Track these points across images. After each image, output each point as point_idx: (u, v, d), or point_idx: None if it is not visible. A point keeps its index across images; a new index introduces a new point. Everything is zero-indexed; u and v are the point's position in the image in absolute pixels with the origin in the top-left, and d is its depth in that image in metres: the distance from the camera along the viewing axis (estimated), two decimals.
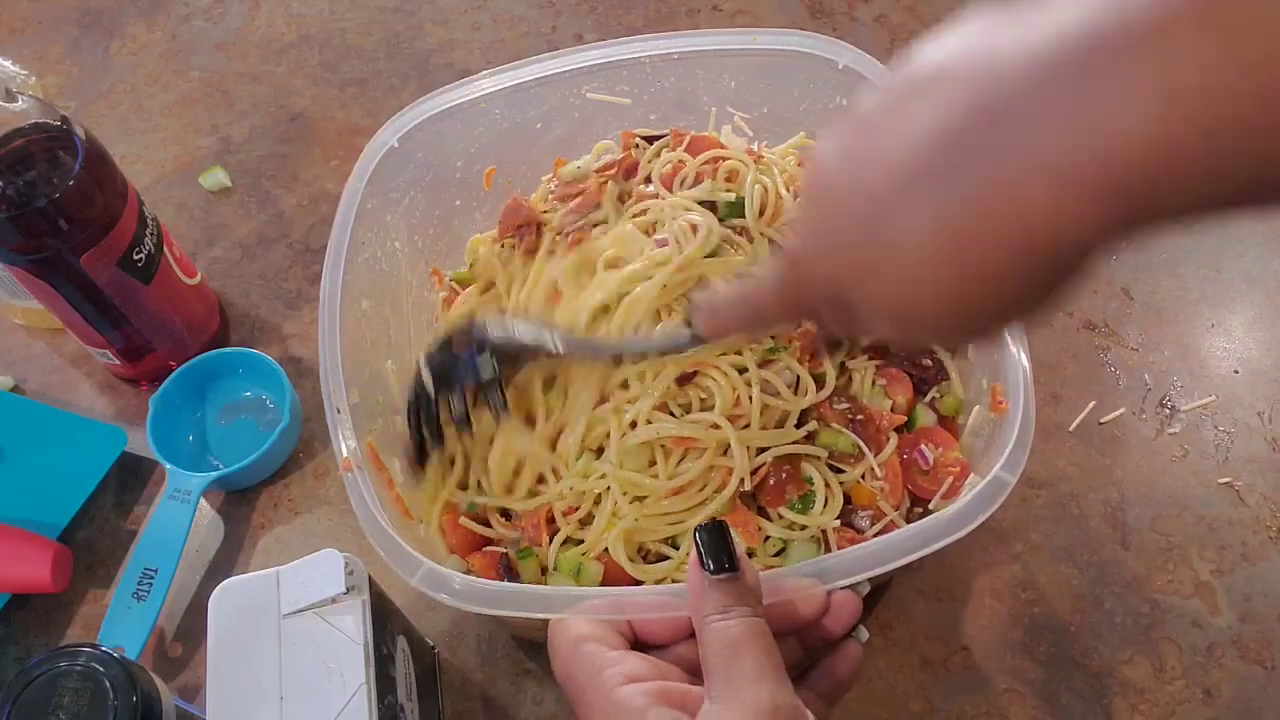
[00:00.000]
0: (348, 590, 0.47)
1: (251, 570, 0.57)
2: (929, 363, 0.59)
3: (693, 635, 0.42)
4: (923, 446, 0.57)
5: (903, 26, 0.87)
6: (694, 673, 0.42)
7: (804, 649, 0.46)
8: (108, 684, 0.46)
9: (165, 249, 0.66)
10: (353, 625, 0.47)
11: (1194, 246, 0.75)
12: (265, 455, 0.66)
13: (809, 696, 0.43)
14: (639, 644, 0.44)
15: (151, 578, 0.62)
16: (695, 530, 0.41)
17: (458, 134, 0.66)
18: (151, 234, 0.65)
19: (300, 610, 0.47)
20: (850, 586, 0.46)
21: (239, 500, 0.68)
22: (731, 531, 0.42)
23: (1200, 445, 0.67)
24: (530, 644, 0.62)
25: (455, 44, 0.89)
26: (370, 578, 0.49)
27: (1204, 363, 0.70)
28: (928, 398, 0.59)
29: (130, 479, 0.69)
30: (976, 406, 0.57)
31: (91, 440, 0.68)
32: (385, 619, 0.50)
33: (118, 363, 0.70)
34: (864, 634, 0.45)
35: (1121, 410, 0.68)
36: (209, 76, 0.89)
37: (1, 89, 0.56)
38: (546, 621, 0.45)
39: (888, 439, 0.57)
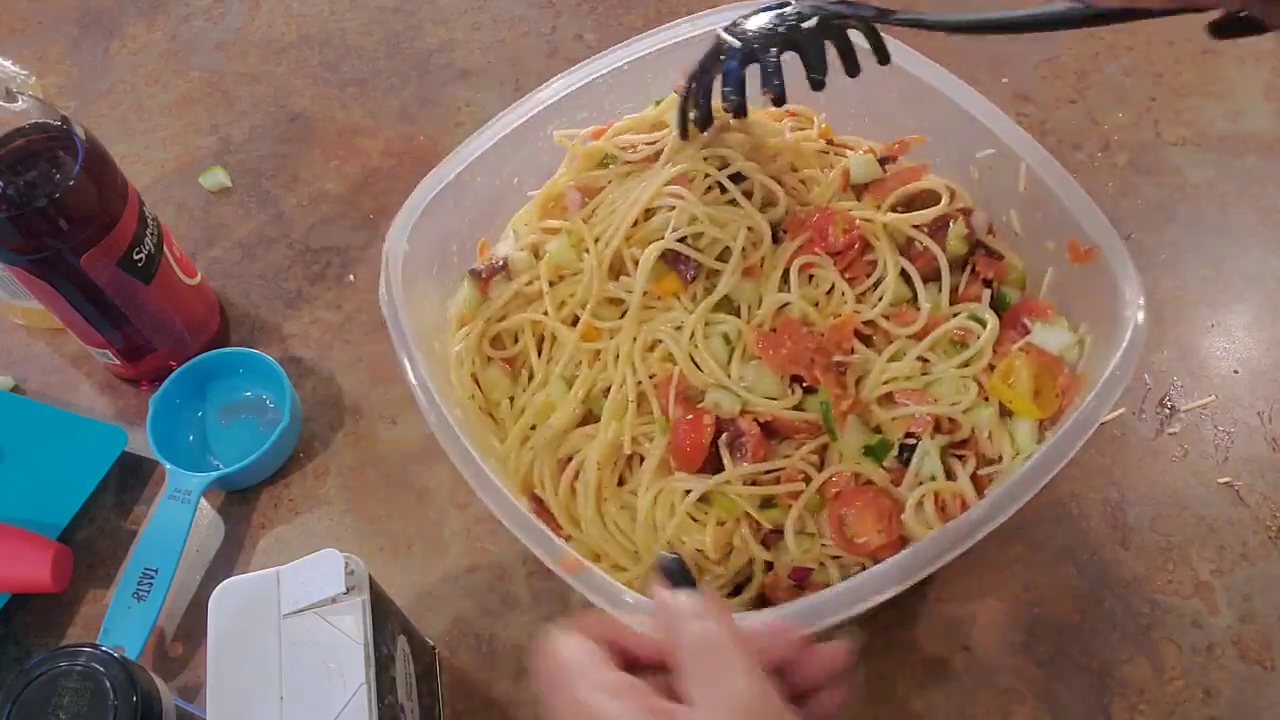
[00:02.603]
0: (348, 590, 0.47)
1: (251, 570, 0.57)
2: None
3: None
4: (1025, 321, 0.59)
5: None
6: (672, 696, 0.42)
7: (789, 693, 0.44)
8: (108, 684, 0.46)
9: (165, 249, 0.66)
10: (353, 625, 0.47)
11: (1194, 246, 0.75)
12: (265, 455, 0.66)
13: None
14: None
15: (151, 578, 0.62)
16: (658, 558, 0.42)
17: (448, 214, 0.63)
18: (152, 234, 0.65)
19: (300, 610, 0.47)
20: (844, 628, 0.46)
21: (239, 500, 0.68)
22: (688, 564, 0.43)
23: (1200, 445, 0.67)
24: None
25: (455, 44, 0.89)
26: (370, 578, 0.49)
27: (1204, 363, 0.70)
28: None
29: (130, 479, 0.69)
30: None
31: (91, 440, 0.68)
32: (385, 619, 0.50)
33: (118, 363, 0.70)
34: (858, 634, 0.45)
35: (1121, 410, 0.68)
36: (209, 76, 0.89)
37: (1, 89, 0.56)
38: None
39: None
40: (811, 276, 0.60)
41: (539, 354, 0.61)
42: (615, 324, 0.59)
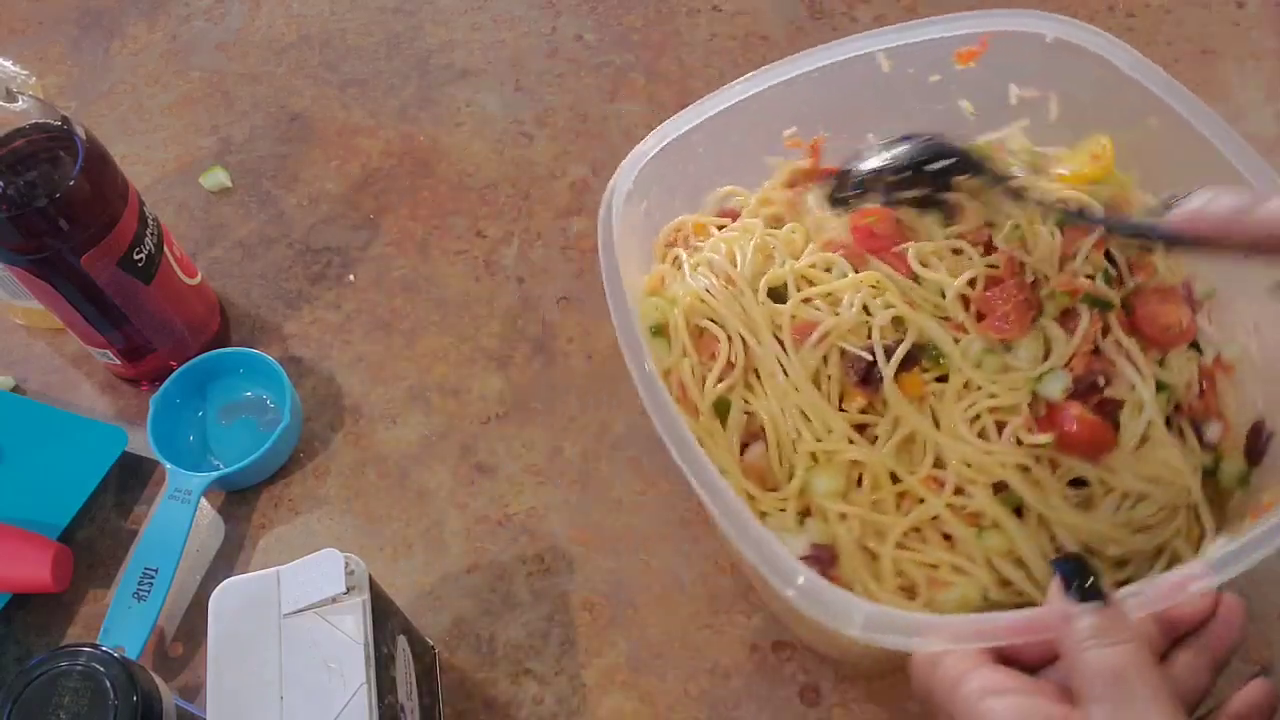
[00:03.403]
0: (348, 590, 0.47)
1: (251, 570, 0.57)
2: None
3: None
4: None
5: None
6: (1065, 694, 0.39)
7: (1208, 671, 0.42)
8: (108, 684, 0.46)
9: (166, 249, 0.66)
10: (353, 625, 0.47)
11: None
12: (265, 455, 0.66)
13: None
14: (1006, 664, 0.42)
15: (152, 578, 0.62)
16: (1054, 563, 0.40)
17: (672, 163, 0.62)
18: (152, 234, 0.65)
19: (300, 610, 0.47)
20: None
21: (239, 500, 0.68)
22: (1094, 565, 0.40)
23: None
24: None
25: (455, 44, 0.89)
26: (370, 578, 0.49)
27: None
28: None
29: (130, 479, 0.69)
30: None
31: (92, 440, 0.68)
32: (385, 619, 0.50)
33: (118, 363, 0.70)
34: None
35: None
36: (209, 77, 0.89)
37: (2, 89, 0.56)
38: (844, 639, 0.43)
39: None
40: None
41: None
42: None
